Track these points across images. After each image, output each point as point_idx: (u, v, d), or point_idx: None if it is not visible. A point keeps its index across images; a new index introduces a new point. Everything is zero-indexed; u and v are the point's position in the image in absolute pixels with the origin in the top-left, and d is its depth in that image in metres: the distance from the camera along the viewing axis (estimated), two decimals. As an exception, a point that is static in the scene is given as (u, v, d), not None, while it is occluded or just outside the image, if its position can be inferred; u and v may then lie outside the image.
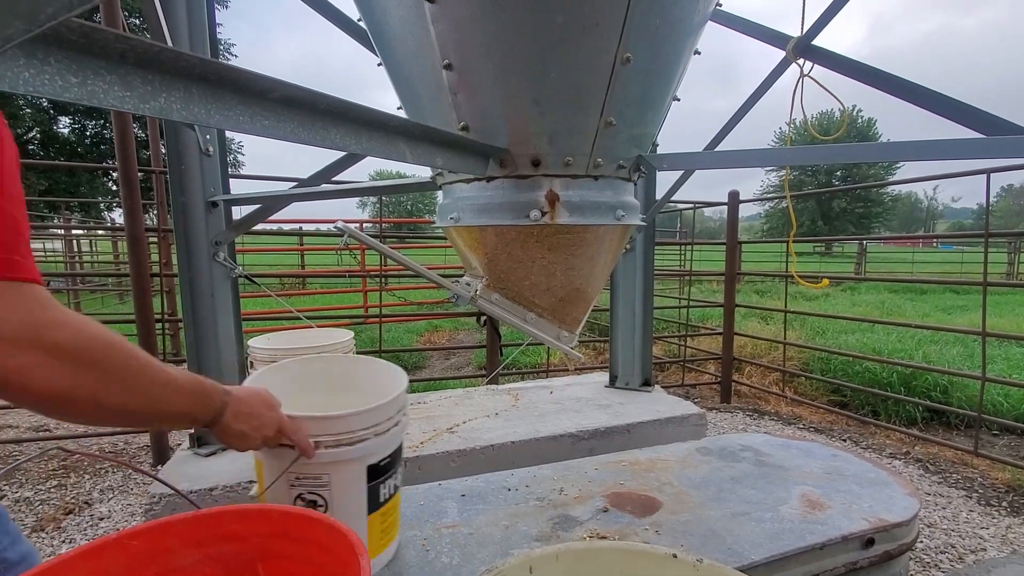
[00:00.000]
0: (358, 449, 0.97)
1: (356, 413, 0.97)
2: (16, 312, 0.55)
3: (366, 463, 1.00)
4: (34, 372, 0.56)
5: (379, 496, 1.05)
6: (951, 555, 2.12)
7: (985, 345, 2.94)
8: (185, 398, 0.72)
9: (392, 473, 1.08)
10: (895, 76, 1.32)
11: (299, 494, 0.97)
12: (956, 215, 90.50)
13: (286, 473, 0.94)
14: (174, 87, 0.57)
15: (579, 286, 1.24)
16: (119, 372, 0.63)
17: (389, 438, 1.02)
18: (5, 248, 0.54)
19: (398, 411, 1.05)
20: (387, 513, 1.09)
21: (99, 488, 2.67)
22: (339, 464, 0.96)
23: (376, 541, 1.08)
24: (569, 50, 0.97)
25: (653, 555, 0.77)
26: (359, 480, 1.00)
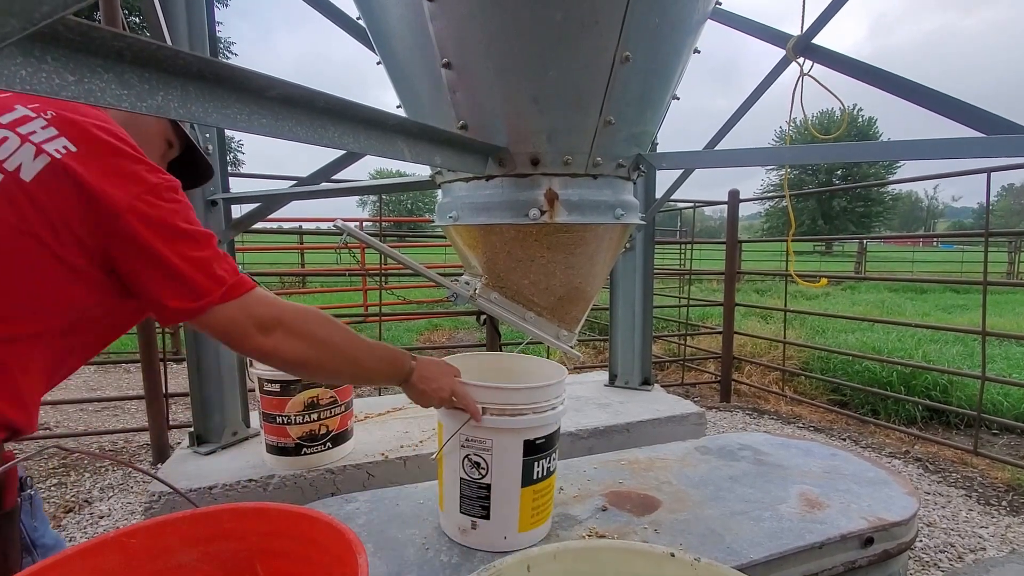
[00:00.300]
0: (517, 421, 1.12)
1: (518, 388, 1.14)
2: (262, 309, 0.85)
3: (523, 437, 1.15)
4: (282, 346, 0.86)
5: (533, 472, 1.18)
6: (950, 554, 2.12)
7: (985, 344, 2.94)
8: (384, 365, 1.01)
9: (546, 455, 1.20)
10: (895, 75, 1.31)
11: (467, 455, 1.16)
12: (956, 214, 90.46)
13: (458, 434, 1.15)
14: (171, 85, 0.57)
15: (578, 285, 1.24)
16: (335, 347, 0.92)
17: (545, 419, 1.15)
18: (234, 274, 0.84)
19: (555, 397, 1.18)
20: (540, 492, 1.20)
21: (99, 487, 2.67)
22: (500, 432, 1.13)
23: (527, 517, 1.20)
24: (568, 48, 0.96)
25: (651, 554, 0.77)
26: (516, 451, 1.15)
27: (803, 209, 37.90)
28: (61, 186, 0.74)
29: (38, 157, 0.74)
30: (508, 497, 1.16)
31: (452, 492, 1.21)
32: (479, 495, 1.17)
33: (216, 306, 0.81)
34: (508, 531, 1.19)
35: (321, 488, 1.74)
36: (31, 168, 0.73)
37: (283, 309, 0.87)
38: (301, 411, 1.69)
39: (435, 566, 1.15)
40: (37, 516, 0.82)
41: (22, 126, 0.76)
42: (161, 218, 0.79)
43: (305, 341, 0.88)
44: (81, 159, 0.76)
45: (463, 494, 1.19)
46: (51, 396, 4.26)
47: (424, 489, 1.51)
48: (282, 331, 0.85)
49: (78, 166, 0.75)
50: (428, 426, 2.10)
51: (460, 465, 1.18)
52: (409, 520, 1.34)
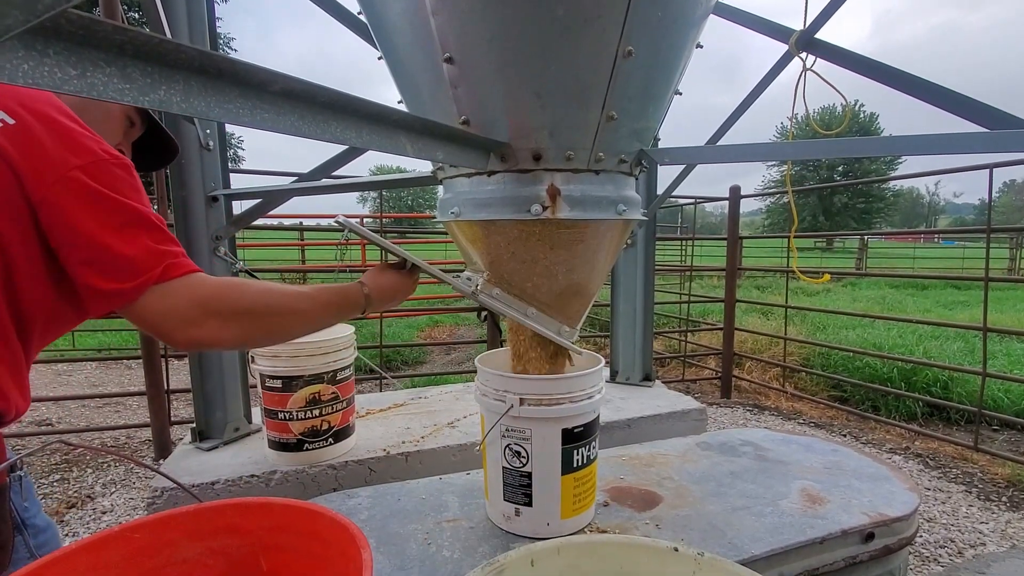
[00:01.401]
0: (555, 410, 1.16)
1: (554, 378, 1.18)
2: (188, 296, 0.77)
3: (561, 426, 1.18)
4: (219, 332, 0.79)
5: (572, 460, 1.21)
6: (950, 549, 2.13)
7: (986, 341, 2.94)
8: (335, 308, 0.96)
9: (585, 443, 1.22)
10: (897, 70, 1.31)
11: (507, 444, 1.21)
12: (958, 210, 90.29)
13: (499, 424, 1.19)
14: (174, 79, 0.56)
15: (580, 281, 1.23)
16: (276, 317, 0.87)
17: (583, 407, 1.19)
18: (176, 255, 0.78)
19: (592, 386, 1.21)
20: (580, 479, 1.23)
21: (101, 482, 2.68)
22: (539, 421, 1.17)
23: (568, 503, 1.23)
24: (570, 43, 0.96)
25: (654, 549, 0.77)
26: (555, 440, 1.18)
27: (804, 205, 37.82)
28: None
29: None
30: (549, 485, 1.20)
31: (496, 480, 1.25)
32: (521, 483, 1.21)
33: (154, 286, 0.74)
34: (551, 518, 1.22)
35: (323, 484, 1.74)
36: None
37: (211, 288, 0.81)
38: (303, 407, 1.70)
39: (437, 561, 1.15)
40: (28, 497, 0.82)
41: None
42: (99, 190, 0.74)
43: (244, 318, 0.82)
44: (15, 132, 0.73)
45: (506, 482, 1.23)
46: (53, 392, 4.26)
47: (426, 484, 1.52)
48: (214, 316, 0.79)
49: (9, 140, 0.72)
50: (429, 422, 2.10)
51: (502, 454, 1.22)
52: (411, 515, 1.34)
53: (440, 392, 2.52)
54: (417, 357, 5.49)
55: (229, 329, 0.80)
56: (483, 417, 1.27)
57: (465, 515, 1.34)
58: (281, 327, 0.88)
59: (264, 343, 0.89)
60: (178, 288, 0.77)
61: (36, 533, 0.81)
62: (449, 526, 1.29)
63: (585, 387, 1.19)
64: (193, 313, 0.77)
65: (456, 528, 1.28)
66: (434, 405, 2.32)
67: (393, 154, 0.91)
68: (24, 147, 0.73)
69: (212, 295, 0.79)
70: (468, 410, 2.24)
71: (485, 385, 1.23)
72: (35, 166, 0.72)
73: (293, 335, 0.93)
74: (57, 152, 0.74)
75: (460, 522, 1.31)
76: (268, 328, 0.86)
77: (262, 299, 0.85)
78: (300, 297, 0.90)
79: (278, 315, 0.86)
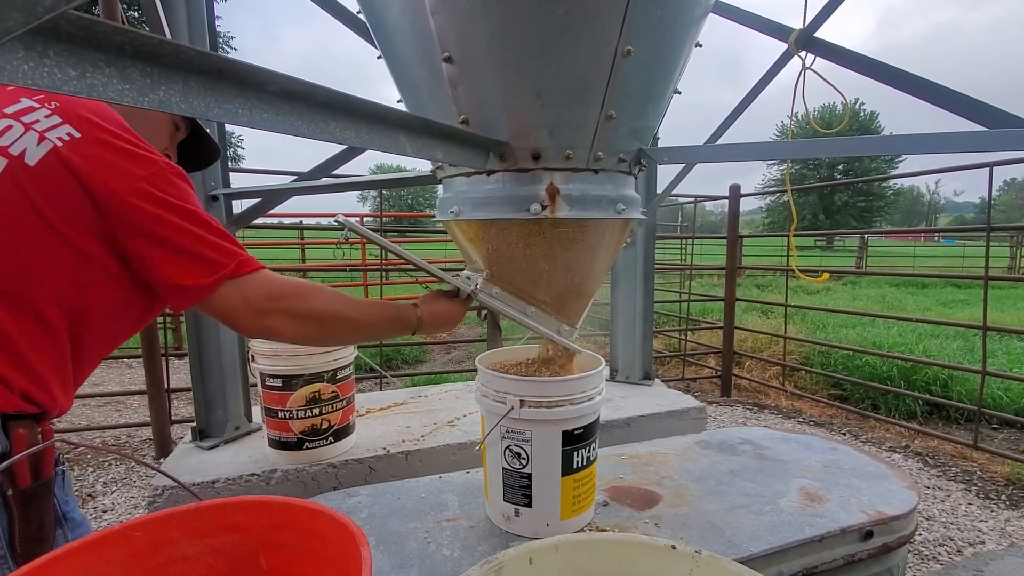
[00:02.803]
0: (555, 412, 1.15)
1: (555, 381, 1.18)
2: (260, 290, 0.86)
3: (561, 428, 1.17)
4: (285, 326, 0.88)
5: (572, 462, 1.20)
6: (950, 548, 2.13)
7: (986, 339, 2.94)
8: (387, 327, 1.04)
9: (586, 444, 1.22)
10: (897, 68, 1.31)
11: (508, 445, 1.21)
12: (958, 209, 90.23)
13: (499, 425, 1.19)
14: (173, 80, 0.57)
15: (580, 280, 1.24)
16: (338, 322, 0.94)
17: (583, 409, 1.18)
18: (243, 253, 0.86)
19: (592, 388, 1.21)
20: (580, 480, 1.23)
21: (102, 481, 2.69)
22: (539, 423, 1.16)
23: (568, 504, 1.23)
24: (570, 42, 0.96)
25: (652, 547, 0.78)
26: (555, 441, 1.18)
27: (804, 204, 37.78)
28: (63, 174, 0.77)
29: (41, 143, 0.77)
30: (549, 486, 1.20)
31: (495, 481, 1.25)
32: (521, 484, 1.21)
33: (228, 281, 0.82)
34: (551, 519, 1.22)
35: (323, 482, 1.74)
36: (35, 153, 0.76)
37: (285, 287, 0.89)
38: (303, 406, 1.70)
39: (437, 560, 1.16)
40: (68, 492, 0.85)
41: (26, 115, 0.79)
42: (166, 199, 0.81)
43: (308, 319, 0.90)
44: (83, 145, 0.78)
45: (506, 483, 1.23)
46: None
47: (425, 483, 1.52)
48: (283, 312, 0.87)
49: (78, 155, 0.77)
50: (429, 421, 2.11)
51: (502, 455, 1.22)
52: (411, 514, 1.34)
53: (440, 391, 2.53)
54: (417, 356, 5.49)
55: (295, 325, 0.88)
56: (483, 418, 1.27)
57: (465, 514, 1.35)
58: (340, 331, 0.97)
59: (321, 343, 1.00)
60: (250, 282, 0.85)
61: (74, 527, 0.84)
62: (449, 525, 1.30)
63: (586, 389, 1.19)
64: (265, 305, 0.86)
65: (456, 527, 1.29)
66: (434, 404, 2.32)
67: (392, 153, 0.91)
68: (92, 161, 0.78)
69: (282, 292, 0.88)
70: (468, 409, 2.24)
71: (486, 386, 1.23)
72: (106, 180, 0.78)
73: (347, 341, 1.04)
74: (123, 164, 0.80)
75: (460, 521, 1.31)
76: (328, 330, 0.94)
77: (329, 304, 0.93)
78: (362, 308, 0.99)
79: (340, 320, 0.94)
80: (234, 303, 0.84)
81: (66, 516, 0.83)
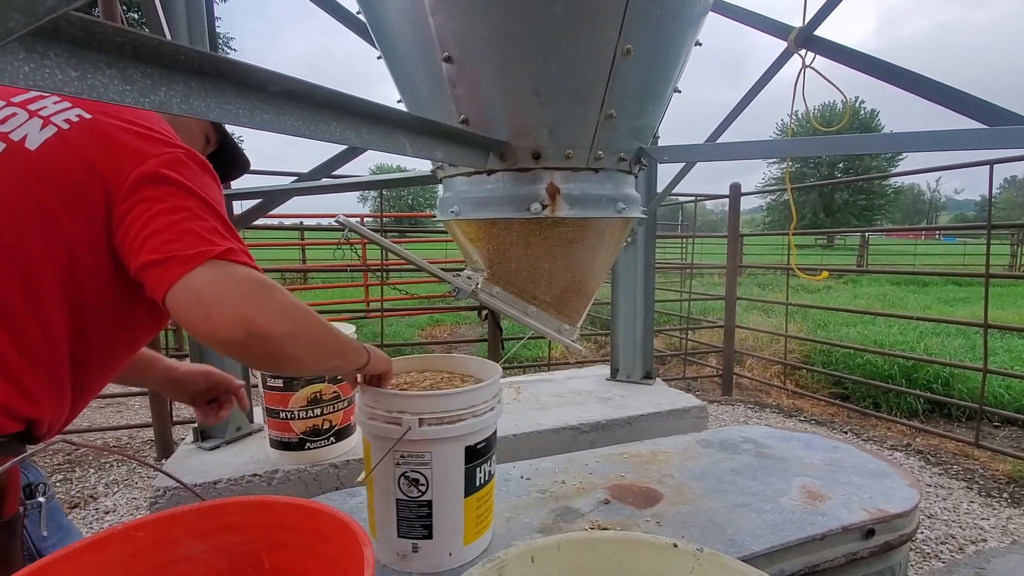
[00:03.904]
0: (458, 428, 1.04)
1: (457, 393, 1.06)
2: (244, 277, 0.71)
3: (464, 444, 1.07)
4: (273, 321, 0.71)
5: (475, 479, 1.11)
6: (951, 546, 2.13)
7: (987, 337, 2.94)
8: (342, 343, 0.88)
9: (487, 458, 1.13)
10: (897, 66, 1.31)
11: (403, 472, 1.06)
12: (959, 207, 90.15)
13: (392, 452, 1.03)
14: (174, 80, 0.57)
15: (580, 279, 1.24)
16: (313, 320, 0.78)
17: (486, 420, 1.09)
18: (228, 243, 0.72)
19: (493, 396, 1.13)
20: (482, 499, 1.14)
21: (104, 482, 2.69)
22: (440, 442, 1.04)
23: (471, 526, 1.13)
24: (569, 41, 0.96)
25: (654, 545, 0.78)
26: (458, 460, 1.07)
27: (805, 202, 37.75)
28: (69, 156, 0.72)
29: (45, 128, 0.73)
30: (452, 510, 1.08)
31: (387, 516, 1.09)
32: (420, 514, 1.07)
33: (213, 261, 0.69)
34: (453, 547, 1.11)
35: (325, 482, 1.75)
36: (37, 138, 0.72)
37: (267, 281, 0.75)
38: (304, 406, 1.70)
39: (439, 559, 1.16)
40: (49, 525, 0.76)
41: (34, 103, 0.76)
42: (170, 179, 0.72)
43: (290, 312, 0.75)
44: (93, 125, 0.74)
45: (401, 516, 1.08)
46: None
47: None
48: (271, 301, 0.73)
49: (86, 135, 0.72)
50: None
51: (395, 485, 1.06)
52: (413, 513, 1.34)
53: (441, 391, 2.53)
54: (418, 356, 5.49)
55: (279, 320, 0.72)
56: (367, 445, 1.11)
57: (466, 513, 1.35)
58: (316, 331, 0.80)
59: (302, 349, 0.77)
60: (235, 269, 0.71)
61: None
62: (450, 524, 1.29)
63: (487, 398, 1.10)
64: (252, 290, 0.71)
65: (457, 526, 1.28)
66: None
67: (393, 153, 0.91)
68: (102, 140, 0.73)
69: (270, 283, 0.74)
70: (469, 408, 2.24)
71: (373, 408, 1.05)
72: (115, 158, 0.72)
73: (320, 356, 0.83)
74: (136, 144, 0.73)
75: (461, 520, 1.31)
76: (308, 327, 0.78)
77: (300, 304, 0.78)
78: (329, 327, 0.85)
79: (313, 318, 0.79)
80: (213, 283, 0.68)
81: (42, 553, 0.73)
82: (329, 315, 5.39)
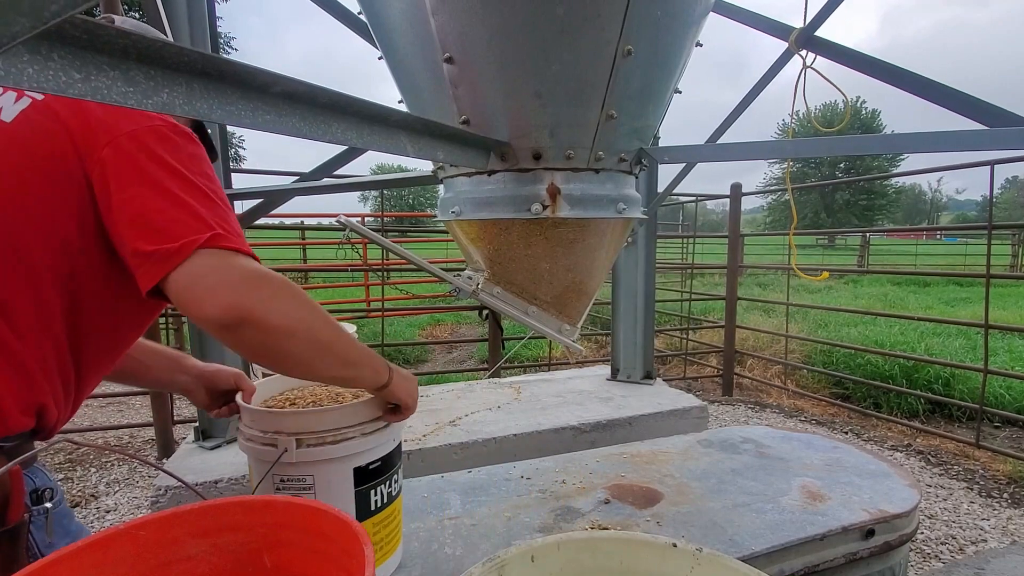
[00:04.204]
0: (343, 448, 0.93)
1: (340, 408, 0.95)
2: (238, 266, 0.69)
3: (352, 464, 0.95)
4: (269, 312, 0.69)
5: (370, 503, 0.99)
6: (951, 546, 2.13)
7: (987, 337, 2.94)
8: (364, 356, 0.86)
9: (385, 479, 1.01)
10: (897, 67, 1.31)
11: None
12: (960, 207, 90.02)
13: (271, 475, 0.92)
14: (176, 82, 0.57)
15: (580, 279, 1.24)
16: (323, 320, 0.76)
17: (378, 439, 0.98)
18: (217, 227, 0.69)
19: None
20: (381, 523, 1.02)
21: (105, 481, 2.70)
22: (323, 464, 0.93)
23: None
24: (570, 42, 0.96)
25: (653, 544, 0.78)
26: (345, 483, 0.95)
27: (806, 202, 37.72)
28: (47, 122, 0.70)
29: (20, 100, 0.72)
30: None
31: None
32: None
33: (201, 250, 0.66)
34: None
35: (326, 482, 1.75)
36: (12, 111, 0.70)
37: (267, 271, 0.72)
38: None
39: (439, 558, 1.16)
40: (56, 531, 0.74)
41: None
42: (149, 153, 0.69)
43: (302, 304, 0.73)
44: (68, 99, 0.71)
45: None
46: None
47: (427, 483, 1.53)
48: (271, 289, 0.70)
49: (63, 103, 0.71)
50: (431, 420, 2.11)
51: None
52: (413, 513, 1.35)
53: (442, 391, 2.53)
54: (419, 356, 5.50)
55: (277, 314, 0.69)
56: (251, 468, 1.01)
57: (467, 512, 1.35)
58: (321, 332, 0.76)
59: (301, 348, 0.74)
60: (227, 257, 0.68)
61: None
62: (451, 523, 1.30)
63: (379, 413, 0.98)
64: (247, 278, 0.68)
65: (458, 525, 1.29)
66: (436, 404, 2.33)
67: (394, 154, 0.91)
68: (77, 110, 0.70)
69: (269, 273, 0.71)
70: (470, 408, 2.24)
71: (250, 428, 0.95)
72: (88, 130, 0.69)
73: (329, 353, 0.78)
74: (108, 117, 0.70)
75: (462, 519, 1.32)
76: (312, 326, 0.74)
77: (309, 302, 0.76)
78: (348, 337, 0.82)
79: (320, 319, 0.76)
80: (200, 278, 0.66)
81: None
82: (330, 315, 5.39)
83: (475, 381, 2.83)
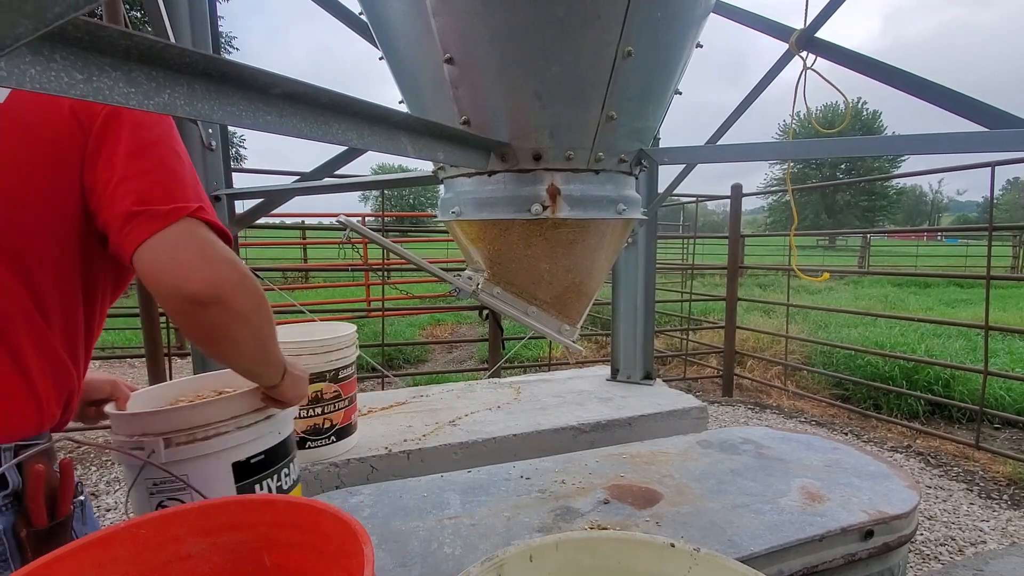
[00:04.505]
0: (216, 443, 0.90)
1: (207, 403, 0.92)
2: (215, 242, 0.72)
3: (230, 459, 0.92)
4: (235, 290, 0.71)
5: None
6: (951, 547, 2.13)
7: (988, 339, 2.94)
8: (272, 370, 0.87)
9: (273, 472, 0.97)
10: (897, 68, 1.31)
11: (160, 502, 0.91)
12: (961, 208, 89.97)
13: (143, 479, 0.89)
14: (178, 83, 0.57)
15: (580, 280, 1.24)
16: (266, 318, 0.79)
17: (258, 431, 0.94)
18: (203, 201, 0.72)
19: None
20: None
21: (105, 479, 2.70)
22: (196, 461, 0.89)
23: None
24: (571, 43, 0.97)
25: (652, 544, 0.78)
26: (225, 479, 0.92)
27: (807, 203, 37.71)
28: (36, 99, 0.70)
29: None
30: None
31: None
32: None
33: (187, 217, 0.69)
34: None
35: (325, 481, 1.75)
36: (2, 91, 0.70)
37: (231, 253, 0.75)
38: (305, 405, 1.71)
39: (439, 558, 1.16)
40: (88, 521, 0.78)
41: None
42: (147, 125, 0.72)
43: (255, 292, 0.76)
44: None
45: None
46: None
47: (427, 482, 1.53)
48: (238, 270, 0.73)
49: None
50: (431, 420, 2.12)
51: None
52: (413, 513, 1.35)
53: (442, 390, 2.54)
54: (419, 356, 5.51)
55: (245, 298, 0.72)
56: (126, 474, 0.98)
57: (466, 512, 1.35)
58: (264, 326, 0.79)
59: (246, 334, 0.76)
60: (210, 233, 0.72)
61: None
62: (450, 523, 1.30)
63: (257, 406, 0.95)
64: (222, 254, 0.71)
65: (457, 525, 1.29)
66: (436, 403, 2.33)
67: (394, 154, 0.91)
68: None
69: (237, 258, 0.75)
70: (470, 408, 2.25)
71: (117, 434, 0.91)
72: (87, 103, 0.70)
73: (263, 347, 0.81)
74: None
75: (461, 519, 1.32)
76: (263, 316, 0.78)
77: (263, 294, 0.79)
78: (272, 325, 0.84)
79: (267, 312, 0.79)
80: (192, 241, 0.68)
81: None
82: (330, 314, 5.40)
83: (475, 381, 2.83)
